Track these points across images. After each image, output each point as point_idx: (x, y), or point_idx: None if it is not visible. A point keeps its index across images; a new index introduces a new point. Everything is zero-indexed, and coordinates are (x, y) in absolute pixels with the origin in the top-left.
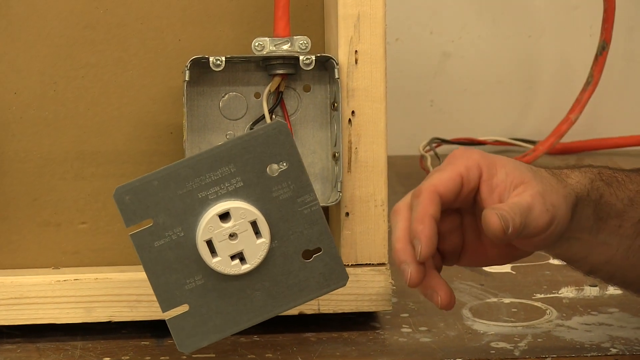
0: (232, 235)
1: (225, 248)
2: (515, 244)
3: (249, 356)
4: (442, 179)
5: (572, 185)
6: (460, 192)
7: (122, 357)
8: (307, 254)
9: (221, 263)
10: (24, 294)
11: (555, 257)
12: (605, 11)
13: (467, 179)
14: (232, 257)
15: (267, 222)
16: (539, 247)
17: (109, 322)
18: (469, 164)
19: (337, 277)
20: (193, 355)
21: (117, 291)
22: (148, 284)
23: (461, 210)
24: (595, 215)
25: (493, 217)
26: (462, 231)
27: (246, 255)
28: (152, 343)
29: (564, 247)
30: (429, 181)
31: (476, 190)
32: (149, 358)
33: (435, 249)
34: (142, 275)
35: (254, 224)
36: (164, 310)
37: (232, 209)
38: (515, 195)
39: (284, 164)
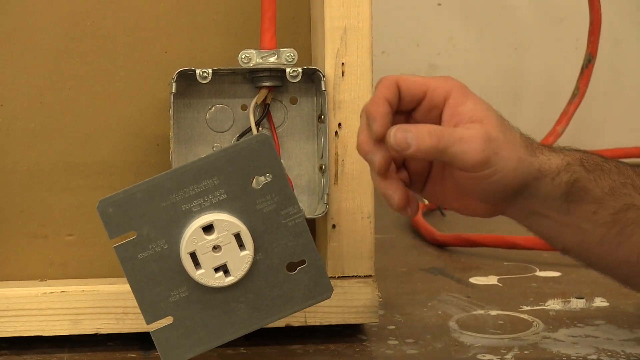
0: (216, 248)
1: (209, 260)
2: (455, 176)
3: None
4: (406, 77)
5: (539, 159)
6: (422, 102)
7: None
8: (292, 266)
9: (205, 275)
10: (10, 306)
11: (529, 230)
12: (591, 24)
13: (431, 93)
14: (216, 270)
15: (251, 235)
16: (479, 192)
17: (96, 335)
18: (440, 84)
19: (322, 289)
20: None
21: (104, 303)
22: None
23: None
24: (566, 196)
25: (390, 131)
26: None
27: (230, 267)
28: (138, 355)
29: (533, 220)
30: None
31: (441, 112)
32: None
33: (388, 126)
34: (128, 284)
35: (237, 237)
36: (148, 323)
37: (215, 222)
38: (463, 126)
39: (268, 177)
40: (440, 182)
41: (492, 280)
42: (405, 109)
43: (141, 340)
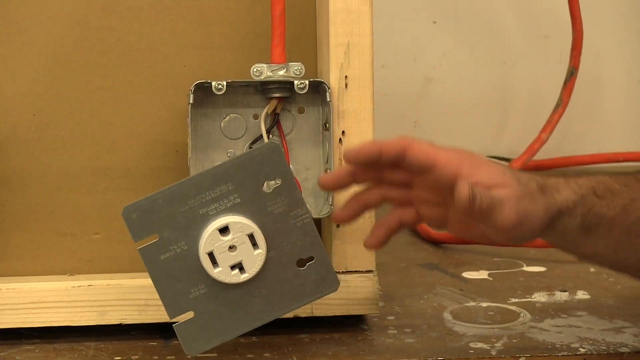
0: (232, 247)
1: (225, 259)
2: (486, 231)
3: (248, 356)
4: (417, 145)
5: (557, 200)
6: (429, 175)
7: (132, 357)
8: (301, 263)
9: (222, 273)
10: (41, 299)
11: (548, 243)
12: (573, 40)
13: (440, 169)
14: (232, 267)
15: (263, 235)
16: (511, 241)
17: (120, 325)
18: (451, 159)
19: (329, 283)
20: (197, 356)
21: (127, 296)
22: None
23: (445, 197)
24: (583, 225)
25: (465, 186)
26: (445, 206)
27: (245, 265)
28: (159, 344)
29: (553, 238)
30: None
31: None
32: (157, 358)
33: (336, 185)
34: (151, 281)
35: (251, 237)
36: (171, 317)
37: (231, 224)
38: (494, 190)
39: (278, 181)
40: (465, 228)
41: (483, 274)
42: (402, 173)
43: (162, 330)
